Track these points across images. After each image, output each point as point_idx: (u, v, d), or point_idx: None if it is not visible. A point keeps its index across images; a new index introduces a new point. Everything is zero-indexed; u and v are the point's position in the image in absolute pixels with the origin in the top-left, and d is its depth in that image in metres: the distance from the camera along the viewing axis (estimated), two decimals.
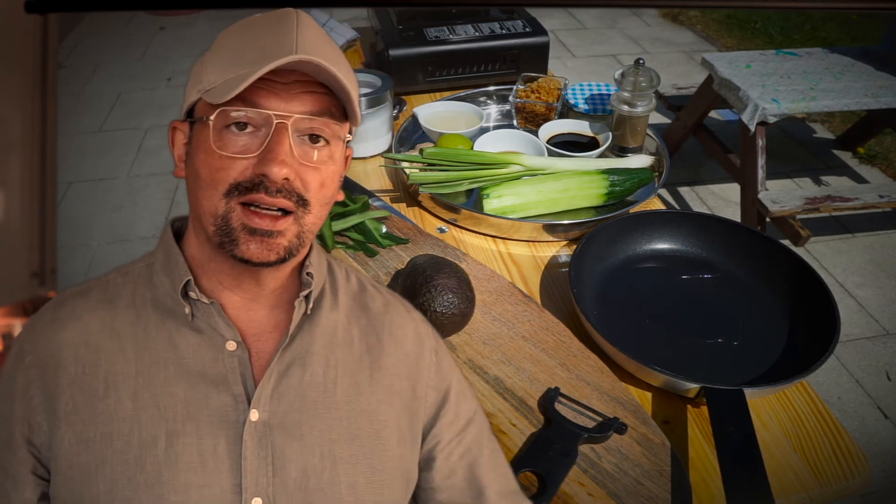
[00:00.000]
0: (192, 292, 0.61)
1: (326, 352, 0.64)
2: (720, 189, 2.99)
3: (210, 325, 0.61)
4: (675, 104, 2.94)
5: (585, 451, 0.86)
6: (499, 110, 1.60)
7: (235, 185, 0.57)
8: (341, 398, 0.63)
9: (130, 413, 0.57)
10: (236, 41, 0.60)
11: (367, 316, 0.69)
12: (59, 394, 0.58)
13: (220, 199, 0.57)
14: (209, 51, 0.61)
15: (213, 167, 0.57)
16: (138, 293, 0.62)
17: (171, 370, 0.59)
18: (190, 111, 0.61)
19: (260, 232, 0.57)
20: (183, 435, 0.57)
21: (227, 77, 0.57)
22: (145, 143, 3.16)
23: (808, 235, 2.34)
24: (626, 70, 1.34)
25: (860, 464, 0.88)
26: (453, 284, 0.95)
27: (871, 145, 3.26)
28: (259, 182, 0.56)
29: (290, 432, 0.60)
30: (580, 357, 0.98)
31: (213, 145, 0.57)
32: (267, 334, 0.63)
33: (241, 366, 0.60)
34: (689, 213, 1.37)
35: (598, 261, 1.14)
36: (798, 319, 1.05)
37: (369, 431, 0.63)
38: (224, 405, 0.59)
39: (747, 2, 1.73)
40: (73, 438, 0.57)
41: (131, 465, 0.56)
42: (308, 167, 0.58)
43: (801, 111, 2.42)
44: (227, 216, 0.57)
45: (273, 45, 0.57)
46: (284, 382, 0.61)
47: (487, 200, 1.22)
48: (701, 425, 0.92)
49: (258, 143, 0.57)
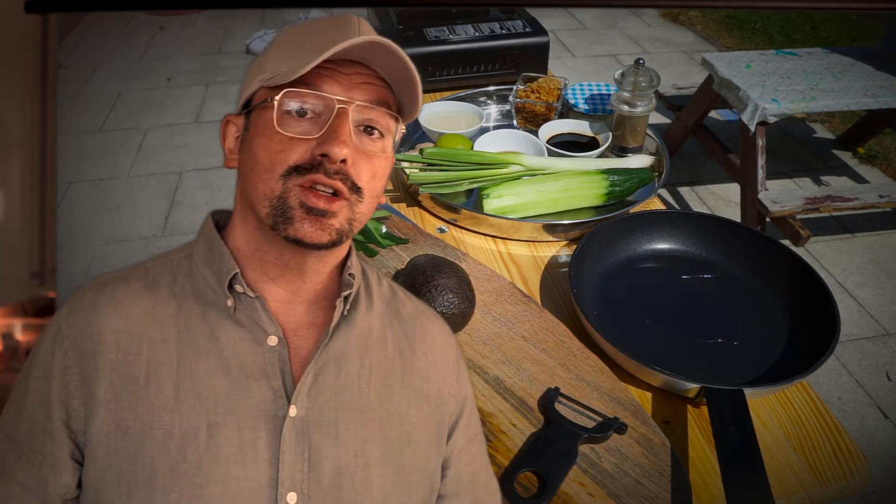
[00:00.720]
0: (237, 285, 0.61)
1: (361, 353, 0.65)
2: (720, 189, 2.99)
3: (252, 318, 0.61)
4: (675, 104, 2.94)
5: (585, 451, 0.86)
6: (499, 110, 1.60)
7: (294, 167, 0.59)
8: (374, 399, 0.63)
9: (172, 403, 0.57)
10: (298, 37, 0.63)
11: (399, 321, 0.70)
12: (98, 379, 0.58)
13: (278, 180, 0.59)
14: (270, 47, 0.64)
15: (273, 149, 0.59)
16: (178, 283, 0.63)
17: (213, 362, 0.59)
18: (246, 104, 0.64)
19: (316, 211, 0.59)
20: (224, 427, 0.57)
21: (291, 66, 0.59)
22: (145, 143, 3.16)
23: (808, 235, 2.34)
24: (626, 70, 1.34)
25: (860, 464, 0.88)
26: (453, 284, 0.95)
27: (871, 145, 3.26)
28: (318, 164, 0.58)
29: (326, 430, 0.60)
30: (580, 357, 0.98)
31: (276, 125, 0.59)
32: (304, 330, 0.64)
33: (281, 361, 0.61)
34: (689, 213, 1.37)
35: (598, 261, 1.14)
36: (798, 319, 1.05)
37: (400, 433, 0.64)
38: (264, 399, 0.59)
39: (747, 2, 1.73)
40: (111, 425, 0.57)
41: (173, 454, 0.56)
42: (362, 155, 0.61)
43: (801, 111, 2.42)
44: (284, 195, 0.59)
45: (336, 36, 0.59)
46: (321, 381, 0.62)
47: (487, 200, 1.22)
48: (701, 425, 0.92)
49: (318, 127, 0.59)
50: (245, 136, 0.63)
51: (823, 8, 1.96)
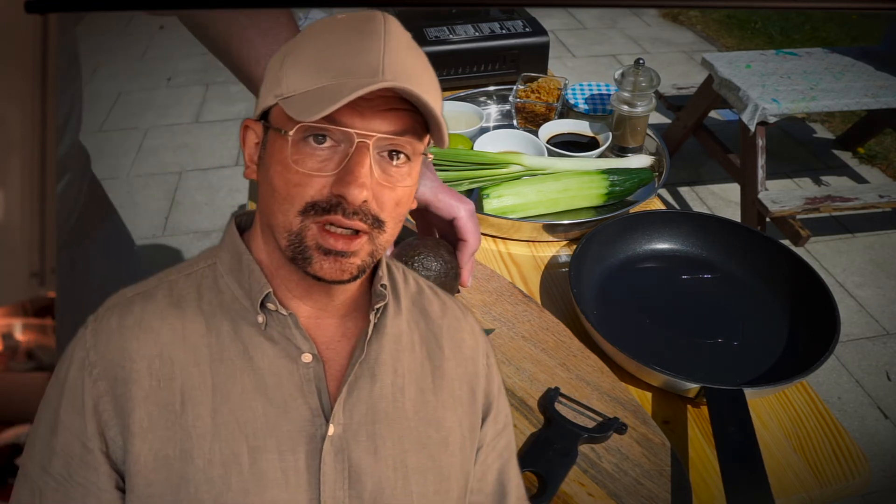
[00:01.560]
0: (270, 304, 0.59)
1: (393, 360, 0.63)
2: (720, 189, 2.99)
3: (285, 335, 0.59)
4: (675, 104, 2.94)
5: (585, 451, 0.86)
6: (499, 110, 1.60)
7: (312, 203, 0.55)
8: (409, 407, 0.62)
9: (210, 429, 0.55)
10: (320, 46, 0.56)
11: (426, 321, 0.67)
12: (132, 409, 0.55)
13: (296, 215, 0.55)
14: (288, 52, 0.58)
15: (290, 182, 0.55)
16: (205, 298, 0.60)
17: (248, 383, 0.57)
18: (265, 113, 0.59)
19: (334, 252, 0.56)
20: (265, 451, 0.56)
21: (308, 87, 0.55)
22: (145, 143, 3.17)
23: (808, 235, 2.34)
24: (626, 70, 1.34)
25: (860, 464, 0.88)
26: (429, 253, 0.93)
27: (871, 145, 3.26)
28: (337, 203, 0.55)
29: (365, 445, 0.59)
30: (580, 357, 0.98)
31: (291, 160, 0.55)
32: (336, 344, 0.62)
33: (317, 378, 0.59)
34: (689, 213, 1.37)
35: (598, 261, 1.14)
36: (798, 319, 1.05)
37: (437, 439, 0.62)
38: (302, 419, 0.57)
39: (747, 2, 1.73)
40: (149, 455, 0.55)
41: (217, 483, 0.54)
42: (385, 187, 0.56)
43: (801, 111, 2.43)
44: (301, 233, 0.56)
45: (360, 61, 0.54)
46: (356, 395, 0.60)
47: (487, 200, 1.22)
48: (701, 425, 0.92)
49: (337, 160, 0.55)
50: (263, 153, 0.59)
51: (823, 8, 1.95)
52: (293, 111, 0.54)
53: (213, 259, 0.62)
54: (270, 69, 0.59)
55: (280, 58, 0.58)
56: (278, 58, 0.58)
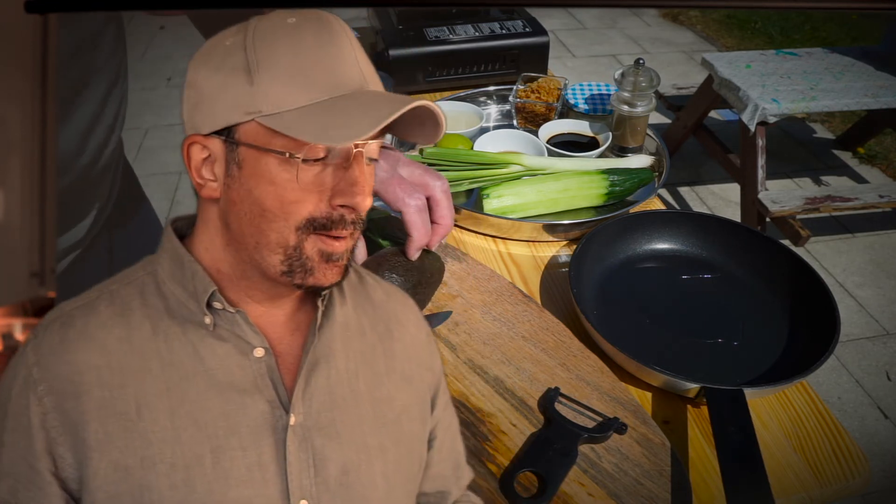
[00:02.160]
0: (216, 303, 0.59)
1: (345, 346, 0.64)
2: (720, 189, 2.99)
3: (234, 333, 0.59)
4: (675, 104, 2.94)
5: (585, 451, 0.86)
6: (499, 110, 1.60)
7: (311, 219, 0.56)
8: (364, 389, 0.63)
9: (170, 434, 0.55)
10: (292, 55, 0.54)
11: (372, 306, 0.69)
12: (85, 422, 0.54)
13: (293, 231, 0.56)
14: (251, 64, 0.54)
15: (286, 200, 0.55)
16: (149, 303, 0.59)
17: (202, 383, 0.57)
18: (228, 129, 0.56)
19: (335, 257, 0.57)
20: (228, 449, 0.56)
21: (298, 103, 0.53)
22: (145, 143, 3.17)
23: (808, 235, 2.34)
24: (626, 70, 1.34)
25: (860, 464, 0.88)
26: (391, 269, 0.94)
27: (871, 145, 3.26)
28: (339, 217, 0.56)
29: (326, 431, 0.59)
30: (580, 357, 0.98)
31: (298, 179, 0.54)
32: (288, 337, 0.62)
33: (270, 371, 0.59)
34: (689, 213, 1.37)
35: (598, 261, 1.14)
36: (798, 319, 1.05)
37: (392, 418, 0.64)
38: (262, 413, 0.57)
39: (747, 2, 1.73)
40: (109, 468, 0.54)
41: (180, 487, 0.54)
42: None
43: (801, 111, 2.43)
44: (300, 245, 0.56)
45: (342, 70, 0.55)
46: (313, 382, 0.60)
47: (487, 200, 1.22)
48: (701, 425, 0.92)
49: (332, 172, 0.56)
50: (235, 172, 0.56)
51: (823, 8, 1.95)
52: (307, 135, 0.52)
53: (154, 266, 0.61)
54: (220, 79, 0.55)
55: (238, 68, 0.54)
56: (233, 66, 0.55)
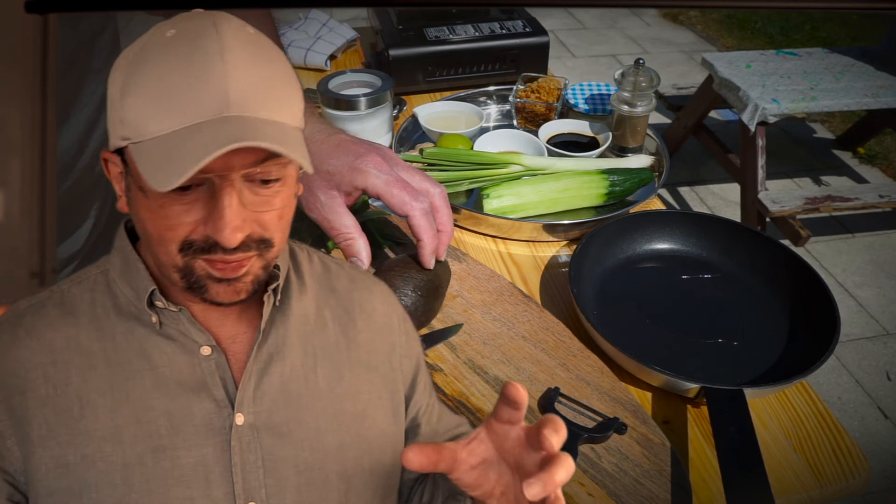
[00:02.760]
0: (158, 301, 0.58)
1: (302, 341, 0.62)
2: (720, 189, 2.99)
3: (181, 331, 0.58)
4: (675, 104, 2.94)
5: (585, 451, 0.86)
6: (499, 110, 1.60)
7: (188, 242, 0.53)
8: (323, 385, 0.62)
9: (111, 432, 0.55)
10: (157, 73, 0.50)
11: (336, 297, 0.67)
12: (30, 418, 0.55)
13: (176, 253, 0.53)
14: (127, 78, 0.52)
15: (160, 226, 0.53)
16: (98, 302, 0.59)
17: (148, 382, 0.56)
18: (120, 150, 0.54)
19: (226, 280, 0.55)
20: (170, 449, 0.55)
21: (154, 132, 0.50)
22: None
23: (808, 235, 2.34)
24: (626, 70, 1.35)
25: (860, 464, 0.88)
26: (398, 282, 0.93)
27: (871, 145, 3.26)
28: (214, 243, 0.52)
29: (278, 431, 0.58)
30: (580, 357, 0.98)
31: (157, 213, 0.52)
32: (241, 335, 0.61)
33: (220, 369, 0.58)
34: (689, 213, 1.37)
35: (598, 261, 1.14)
36: (798, 319, 1.05)
37: (354, 413, 0.62)
38: (207, 412, 0.57)
39: (747, 2, 1.73)
40: (50, 463, 0.54)
41: (119, 486, 0.54)
42: (263, 211, 0.54)
43: (801, 111, 2.43)
44: (188, 266, 0.54)
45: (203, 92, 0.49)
46: (265, 380, 0.59)
47: (487, 200, 1.22)
48: (701, 425, 0.92)
49: (203, 201, 0.52)
50: (128, 193, 0.55)
51: (823, 8, 1.95)
52: (147, 175, 0.49)
53: (106, 265, 0.61)
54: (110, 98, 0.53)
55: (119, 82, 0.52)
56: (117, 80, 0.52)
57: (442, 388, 0.93)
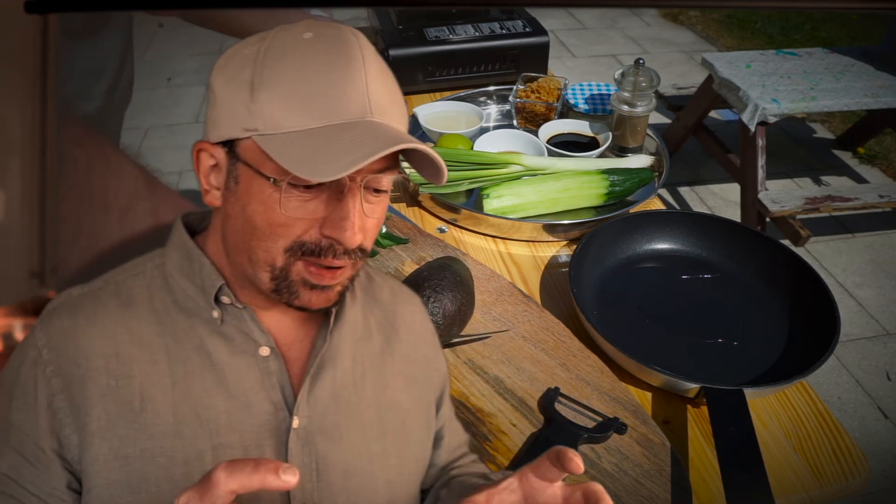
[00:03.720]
0: (224, 297, 0.58)
1: (352, 349, 0.63)
2: (720, 189, 2.99)
3: (242, 330, 0.59)
4: (675, 104, 2.94)
5: (585, 451, 0.86)
6: (499, 110, 1.60)
7: (300, 243, 0.54)
8: (370, 394, 0.63)
9: (172, 428, 0.55)
10: (296, 75, 0.52)
11: (379, 307, 0.69)
12: (89, 407, 0.55)
13: (280, 252, 0.54)
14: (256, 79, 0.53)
15: (275, 222, 0.53)
16: (156, 297, 0.59)
17: (208, 380, 0.57)
18: (230, 142, 0.55)
19: (320, 287, 0.56)
20: (229, 447, 0.56)
21: (292, 127, 0.52)
22: (145, 143, 3.16)
23: (808, 235, 2.34)
24: (626, 70, 1.34)
25: (860, 464, 0.88)
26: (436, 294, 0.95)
27: (871, 145, 3.26)
28: (328, 246, 0.54)
29: (330, 435, 0.59)
30: (580, 357, 0.98)
31: (280, 206, 0.53)
32: (298, 343, 0.62)
33: (278, 372, 0.59)
34: (689, 213, 1.37)
35: (598, 261, 1.14)
36: (798, 319, 1.05)
37: (397, 423, 0.64)
38: (265, 413, 0.57)
39: (747, 2, 1.73)
40: (109, 455, 0.54)
41: (179, 481, 0.54)
42: (368, 218, 0.56)
43: (801, 111, 2.42)
44: (286, 268, 0.55)
45: (346, 97, 0.52)
46: (318, 385, 0.60)
47: (487, 200, 1.22)
48: (701, 425, 0.92)
49: (325, 201, 0.53)
50: (233, 186, 0.56)
51: (823, 8, 1.95)
52: (288, 163, 0.50)
53: (162, 259, 0.61)
54: (231, 91, 0.54)
55: (245, 81, 0.53)
56: (241, 79, 0.53)
57: None
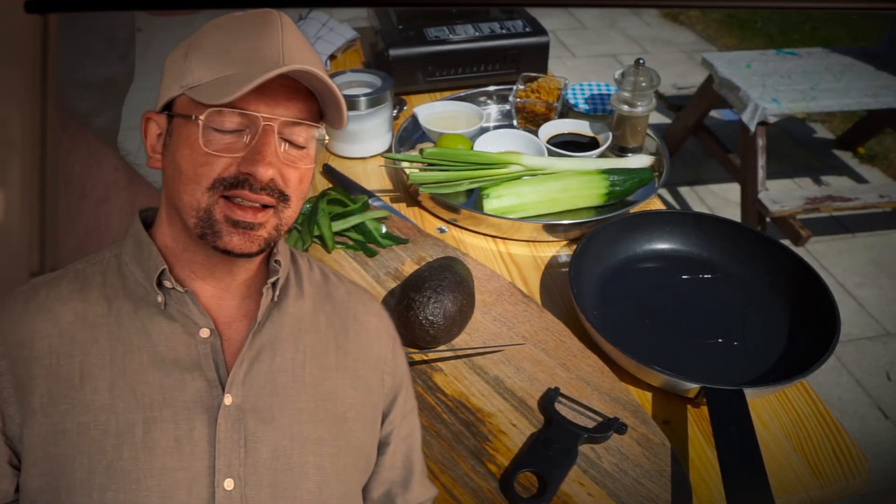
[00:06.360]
0: (166, 281, 0.62)
1: (294, 339, 0.66)
2: (720, 189, 2.99)
3: (183, 312, 0.62)
4: (675, 104, 2.94)
5: (585, 451, 0.86)
6: (499, 110, 1.60)
7: (220, 180, 0.59)
8: (309, 382, 0.65)
9: (107, 402, 0.58)
10: (221, 39, 0.60)
11: (332, 304, 0.71)
12: (33, 385, 0.58)
13: (203, 192, 0.59)
14: (190, 46, 0.61)
15: (197, 162, 0.59)
16: (109, 283, 0.63)
17: (146, 358, 0.60)
18: (168, 105, 0.62)
19: (242, 224, 0.59)
20: (160, 421, 0.58)
21: (215, 76, 0.59)
22: None
23: (809, 235, 2.34)
24: (626, 70, 1.34)
25: (860, 464, 0.88)
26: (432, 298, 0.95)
27: (871, 145, 3.26)
28: (244, 179, 0.58)
29: (262, 415, 0.61)
30: (580, 357, 0.98)
31: (201, 143, 0.58)
32: (238, 323, 0.65)
33: (214, 352, 0.62)
34: (689, 213, 1.37)
35: (598, 261, 1.14)
36: (798, 319, 1.05)
37: (336, 414, 0.65)
38: (199, 390, 0.60)
39: (747, 2, 1.73)
40: (48, 430, 0.57)
41: (108, 452, 0.57)
42: (289, 166, 0.61)
43: (802, 111, 2.43)
44: (209, 209, 0.59)
45: (262, 48, 0.59)
46: (255, 368, 0.63)
47: (487, 200, 1.22)
48: (701, 425, 0.92)
49: (243, 143, 0.59)
50: (168, 141, 0.62)
51: (823, 8, 1.96)
52: (203, 97, 0.57)
53: (119, 249, 0.66)
54: (173, 63, 0.62)
55: (183, 52, 0.61)
56: (180, 52, 0.62)
57: (442, 388, 0.93)
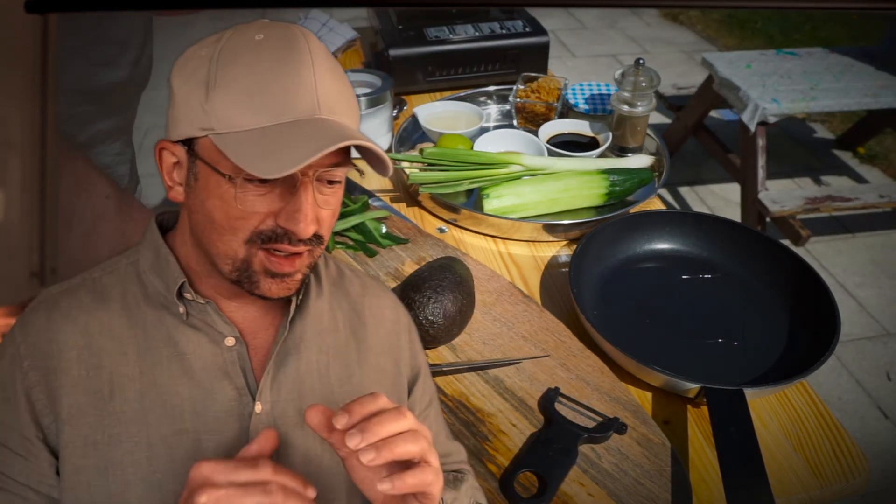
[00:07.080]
0: (186, 293, 0.61)
1: (317, 339, 0.66)
2: (720, 189, 2.99)
3: (206, 322, 0.62)
4: (675, 104, 2.94)
5: (585, 451, 0.86)
6: (499, 110, 1.60)
7: (258, 233, 0.56)
8: (335, 382, 0.65)
9: (138, 414, 0.58)
10: (248, 74, 0.55)
11: (348, 300, 0.71)
12: (60, 397, 0.58)
13: (240, 244, 0.57)
14: (210, 79, 0.55)
15: (233, 216, 0.56)
16: (129, 292, 0.62)
17: (175, 369, 0.60)
18: (189, 140, 0.58)
19: (280, 275, 0.58)
20: (192, 432, 0.59)
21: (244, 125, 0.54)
22: (145, 143, 3.16)
23: (809, 235, 2.34)
24: (626, 70, 1.34)
25: (860, 464, 0.88)
26: (432, 299, 0.95)
27: (871, 145, 3.26)
28: (283, 234, 0.56)
29: (293, 420, 0.61)
30: (580, 357, 0.98)
31: (235, 200, 0.55)
32: (261, 329, 0.64)
33: (241, 360, 0.62)
34: (689, 213, 1.37)
35: (598, 261, 1.14)
36: (798, 319, 1.05)
37: None
38: (228, 399, 0.60)
39: (747, 2, 1.73)
40: (78, 441, 0.57)
41: (143, 465, 0.57)
42: (323, 208, 0.59)
43: (801, 111, 2.43)
44: (248, 260, 0.57)
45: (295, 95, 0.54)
46: (282, 372, 0.63)
47: (487, 200, 1.22)
48: (701, 425, 0.92)
49: (279, 194, 0.56)
50: (192, 181, 0.58)
51: (823, 8, 1.96)
52: (241, 161, 0.52)
53: (136, 257, 0.65)
54: (188, 91, 0.56)
55: (201, 81, 0.56)
56: (198, 78, 0.56)
57: (442, 388, 0.93)
